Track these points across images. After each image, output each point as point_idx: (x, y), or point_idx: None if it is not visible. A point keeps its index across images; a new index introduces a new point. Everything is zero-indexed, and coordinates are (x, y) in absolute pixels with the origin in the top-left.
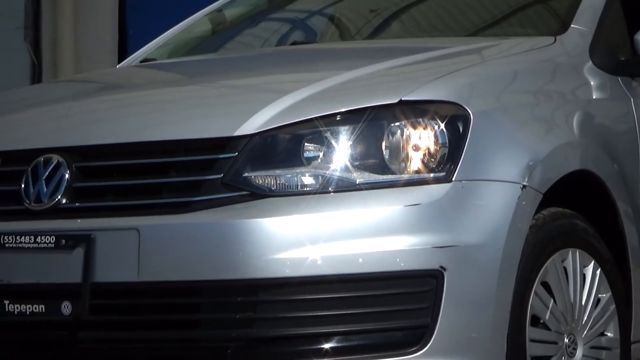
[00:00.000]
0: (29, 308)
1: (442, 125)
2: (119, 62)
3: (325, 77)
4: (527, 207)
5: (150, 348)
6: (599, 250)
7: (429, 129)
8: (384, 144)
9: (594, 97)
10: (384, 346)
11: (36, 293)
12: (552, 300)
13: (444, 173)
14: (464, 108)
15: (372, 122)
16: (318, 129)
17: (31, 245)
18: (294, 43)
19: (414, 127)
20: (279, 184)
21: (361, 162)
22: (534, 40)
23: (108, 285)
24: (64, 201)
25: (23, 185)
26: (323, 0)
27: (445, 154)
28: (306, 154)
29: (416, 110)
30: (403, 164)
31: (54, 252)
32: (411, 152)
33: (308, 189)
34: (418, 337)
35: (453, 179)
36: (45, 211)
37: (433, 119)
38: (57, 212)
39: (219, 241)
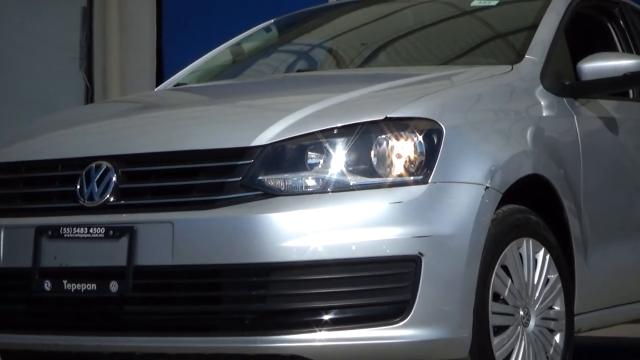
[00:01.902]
0: (83, 286)
1: (420, 138)
2: (156, 86)
3: (325, 98)
4: (489, 204)
5: (182, 319)
6: (548, 239)
7: (409, 140)
8: (372, 152)
9: (543, 114)
10: (372, 318)
11: (89, 274)
12: (510, 280)
13: (422, 176)
14: (438, 123)
15: (362, 135)
16: (319, 141)
17: (85, 235)
18: (299, 70)
19: (397, 139)
20: (287, 185)
21: (354, 167)
22: (494, 68)
23: (148, 268)
24: (111, 199)
25: (78, 186)
26: (323, 35)
27: (422, 160)
28: (309, 161)
29: (399, 125)
30: (388, 169)
31: (103, 241)
32: (395, 159)
33: (310, 189)
34: (400, 310)
35: (429, 181)
36: (96, 207)
37: (413, 132)
38: (106, 208)
39: (238, 232)
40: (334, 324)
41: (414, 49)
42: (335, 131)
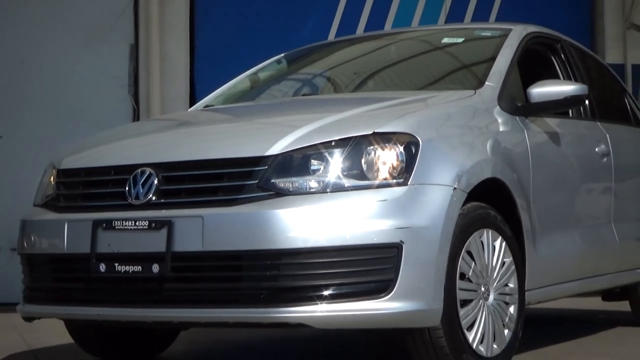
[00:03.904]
0: (131, 268)
1: (401, 148)
2: (189, 107)
3: (325, 117)
4: (457, 202)
5: (210, 294)
6: (504, 230)
7: (392, 150)
8: (363, 160)
9: (500, 129)
10: (363, 293)
11: (135, 258)
12: (473, 263)
13: (402, 179)
14: (416, 137)
15: (355, 146)
16: (320, 151)
17: (132, 227)
18: (304, 94)
19: (383, 150)
20: (294, 186)
21: (348, 172)
22: (461, 92)
23: (183, 253)
24: (153, 198)
25: (127, 188)
26: (323, 66)
27: (403, 167)
28: (312, 167)
29: (384, 138)
30: (376, 174)
31: (147, 231)
32: (381, 166)
33: (313, 190)
34: (385, 287)
35: (408, 183)
36: (141, 205)
37: (395, 144)
38: (149, 205)
39: (255, 224)
40: (332, 298)
41: (396, 77)
42: (333, 143)
